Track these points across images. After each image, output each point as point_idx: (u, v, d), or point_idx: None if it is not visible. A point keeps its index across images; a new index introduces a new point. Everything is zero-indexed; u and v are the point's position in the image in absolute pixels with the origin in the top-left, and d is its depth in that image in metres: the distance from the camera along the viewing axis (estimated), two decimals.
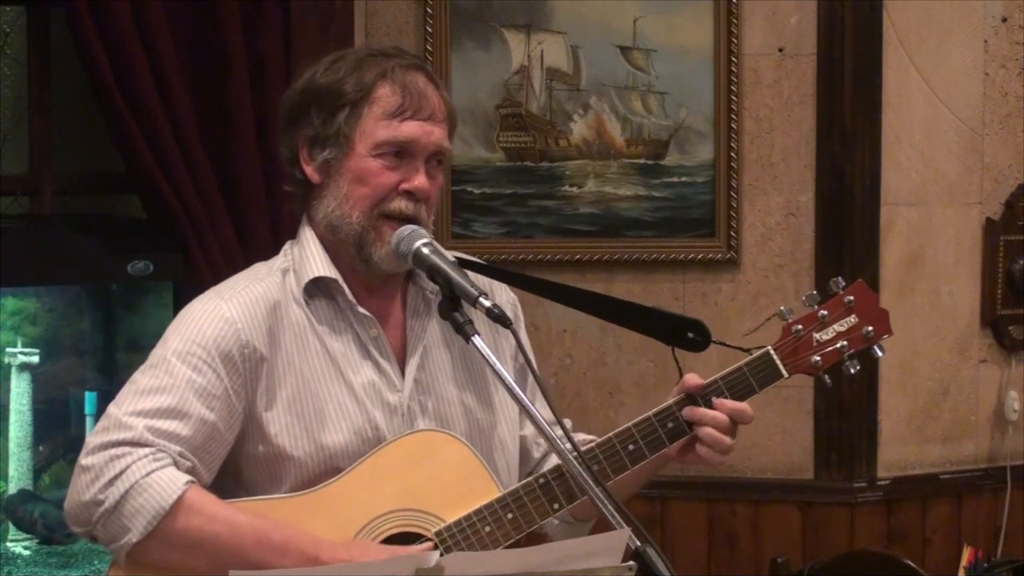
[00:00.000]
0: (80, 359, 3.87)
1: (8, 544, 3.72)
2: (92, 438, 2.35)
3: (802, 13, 4.06)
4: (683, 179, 4.12)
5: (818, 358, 2.49)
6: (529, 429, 2.64)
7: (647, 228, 4.14)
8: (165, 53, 3.61)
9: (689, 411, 2.46)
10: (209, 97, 3.71)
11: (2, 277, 3.46)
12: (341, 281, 2.46)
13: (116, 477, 2.29)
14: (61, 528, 3.61)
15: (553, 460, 2.65)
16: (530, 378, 2.58)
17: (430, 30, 4.13)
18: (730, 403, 2.47)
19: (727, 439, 2.47)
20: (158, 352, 2.41)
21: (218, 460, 2.41)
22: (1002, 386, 4.24)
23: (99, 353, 3.88)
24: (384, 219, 2.43)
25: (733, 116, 4.07)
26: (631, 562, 2.11)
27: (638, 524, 2.13)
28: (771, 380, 2.49)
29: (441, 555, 2.23)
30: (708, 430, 2.46)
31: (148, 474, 2.29)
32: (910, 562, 3.59)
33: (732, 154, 4.07)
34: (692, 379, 2.48)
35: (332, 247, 2.47)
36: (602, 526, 2.16)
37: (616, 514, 2.15)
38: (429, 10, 4.14)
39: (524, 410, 2.29)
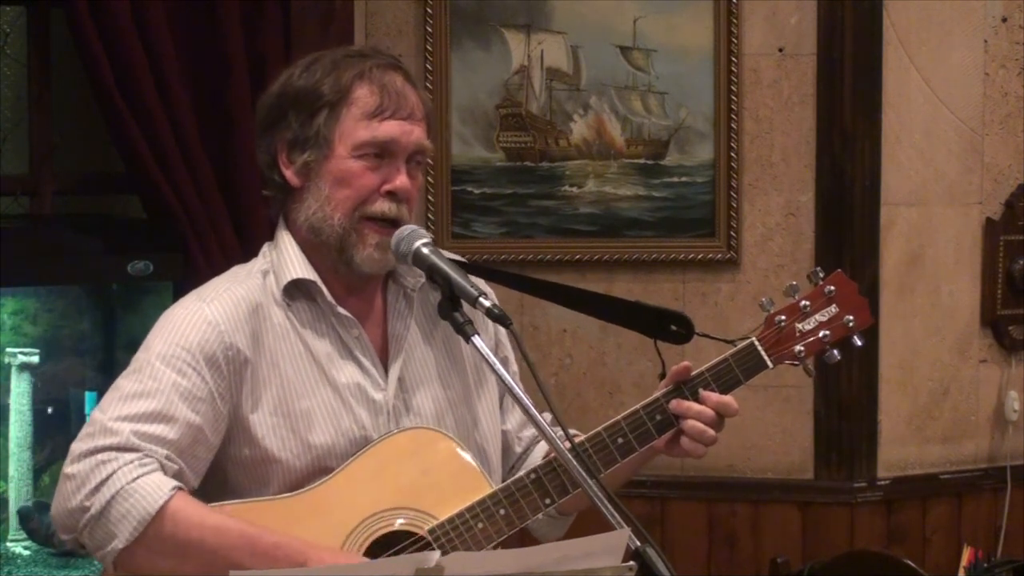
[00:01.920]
0: (80, 359, 3.87)
1: (8, 544, 3.71)
2: (77, 444, 2.33)
3: (802, 13, 4.06)
4: (683, 179, 4.12)
5: (801, 348, 2.51)
6: (510, 424, 2.65)
7: (647, 228, 4.14)
8: (165, 53, 3.61)
9: (675, 404, 2.47)
10: (209, 97, 3.72)
11: (2, 277, 3.46)
12: (320, 283, 2.46)
13: (102, 483, 2.28)
14: (82, 551, 3.60)
15: (537, 454, 2.66)
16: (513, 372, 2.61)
17: (430, 30, 4.13)
18: (715, 396, 2.48)
19: (710, 431, 2.47)
20: (141, 357, 2.40)
21: (204, 464, 2.40)
22: (1002, 386, 4.24)
23: (99, 353, 3.88)
24: (366, 221, 2.43)
25: (733, 116, 4.07)
26: (631, 562, 2.11)
27: (638, 524, 2.13)
28: (756, 371, 2.50)
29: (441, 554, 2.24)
30: (692, 422, 2.46)
31: (134, 480, 2.28)
32: (910, 562, 3.59)
33: (732, 154, 4.07)
34: (683, 368, 2.48)
35: (312, 249, 2.47)
36: (602, 526, 2.16)
37: (616, 514, 2.15)
38: (429, 10, 4.14)
39: (523, 410, 2.28)
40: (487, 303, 2.29)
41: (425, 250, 2.38)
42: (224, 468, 2.43)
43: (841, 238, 4.07)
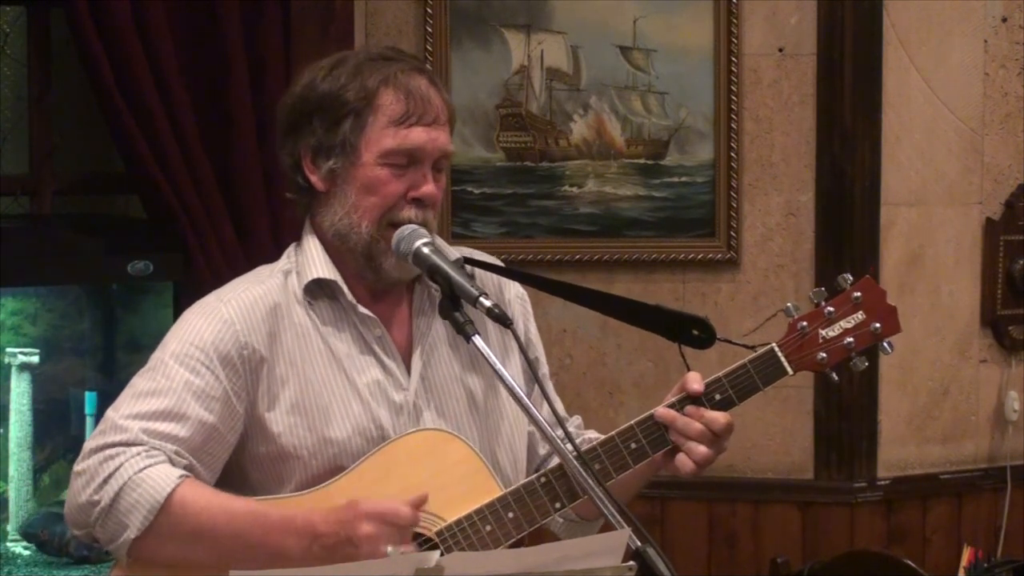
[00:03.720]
0: (80, 359, 3.87)
1: (8, 544, 3.71)
2: (88, 442, 2.36)
3: (802, 13, 4.06)
4: (683, 179, 4.12)
5: (824, 355, 2.46)
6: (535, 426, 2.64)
7: (647, 228, 4.13)
8: (165, 53, 3.61)
9: (661, 412, 2.42)
10: (209, 97, 3.71)
11: (2, 277, 3.46)
12: (341, 282, 2.46)
13: (110, 476, 2.30)
14: (96, 546, 3.59)
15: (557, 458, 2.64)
16: (541, 375, 2.59)
17: (430, 30, 4.13)
18: (699, 412, 2.43)
19: (701, 447, 2.42)
20: (156, 355, 2.42)
21: (220, 461, 2.41)
22: (1002, 386, 4.24)
23: (99, 353, 3.88)
24: (393, 227, 2.43)
25: (733, 116, 4.07)
26: (631, 562, 2.11)
27: (638, 524, 2.13)
28: (775, 377, 2.46)
29: (442, 554, 2.23)
30: (691, 444, 2.43)
31: (141, 470, 2.30)
32: (910, 562, 3.59)
33: (732, 154, 4.07)
34: (693, 379, 2.46)
35: (338, 253, 2.47)
36: (602, 526, 2.16)
37: (616, 514, 2.15)
38: (429, 10, 4.13)
39: (524, 410, 2.28)
40: (487, 303, 2.29)
41: (425, 250, 2.38)
42: (243, 467, 2.44)
43: (841, 238, 4.06)
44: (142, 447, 2.32)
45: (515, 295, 2.64)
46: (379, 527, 2.26)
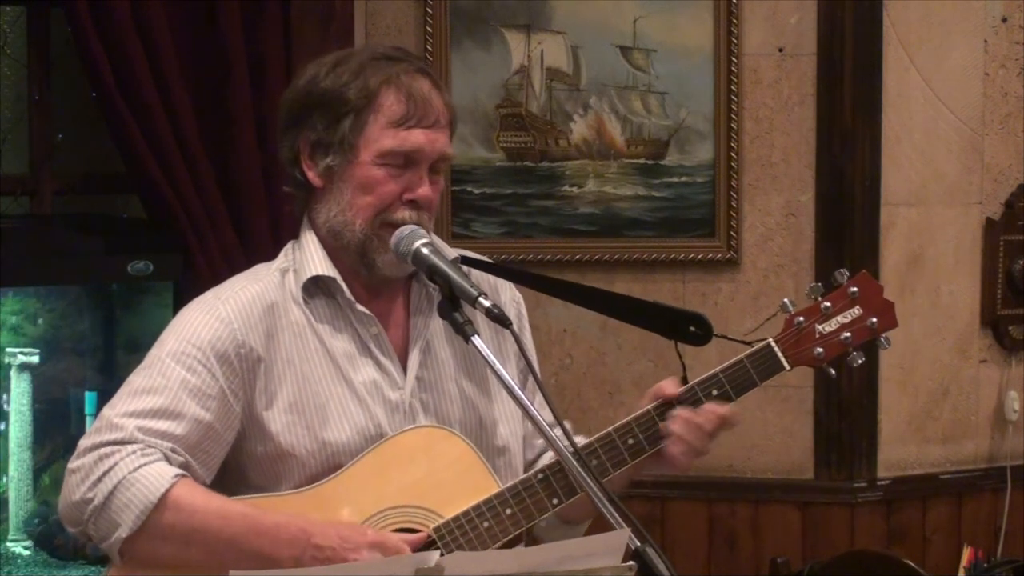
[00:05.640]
0: (80, 359, 3.87)
1: (8, 544, 3.72)
2: (83, 440, 2.36)
3: (802, 13, 4.06)
4: (683, 179, 4.12)
5: (821, 350, 2.47)
6: (528, 429, 2.64)
7: (647, 228, 4.13)
8: (165, 53, 3.61)
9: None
10: (209, 97, 3.72)
11: (2, 277, 3.47)
12: (340, 280, 2.47)
13: (104, 474, 2.30)
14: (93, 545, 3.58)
15: (547, 459, 2.65)
16: (530, 378, 2.58)
17: (430, 30, 4.13)
18: (719, 410, 2.45)
19: (701, 445, 2.45)
20: (153, 353, 2.42)
21: (216, 460, 2.41)
22: (1002, 386, 4.24)
23: (99, 353, 3.88)
24: (387, 227, 2.43)
25: (733, 116, 4.07)
26: (631, 562, 2.11)
27: (638, 524, 2.13)
28: (772, 372, 2.47)
29: (441, 553, 2.24)
30: (676, 445, 2.45)
31: (136, 469, 2.30)
32: (910, 562, 3.59)
33: (732, 154, 4.07)
34: (669, 384, 2.47)
35: (333, 249, 2.48)
36: (602, 526, 2.16)
37: (616, 514, 2.15)
38: (429, 10, 4.14)
39: (523, 410, 2.29)
40: (487, 303, 2.29)
41: (424, 250, 2.38)
42: (242, 466, 2.44)
43: (841, 238, 4.06)
44: (137, 445, 2.32)
45: (510, 298, 2.65)
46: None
